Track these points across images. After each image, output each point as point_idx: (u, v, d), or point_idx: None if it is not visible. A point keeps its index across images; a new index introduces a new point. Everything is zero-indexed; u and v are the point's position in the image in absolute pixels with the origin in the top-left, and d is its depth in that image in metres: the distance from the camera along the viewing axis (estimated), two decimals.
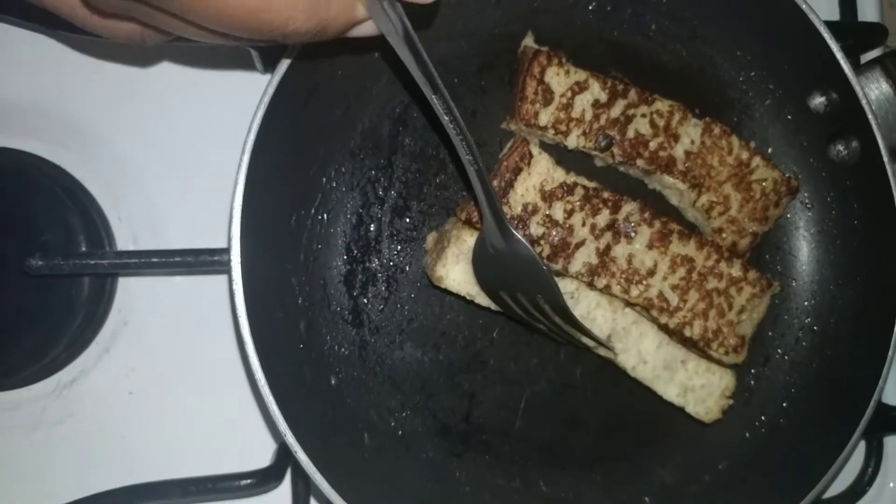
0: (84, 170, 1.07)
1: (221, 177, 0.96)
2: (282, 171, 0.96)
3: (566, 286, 0.97)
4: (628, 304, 1.00)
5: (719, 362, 1.02)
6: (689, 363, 1.01)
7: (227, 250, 0.88)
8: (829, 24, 1.05)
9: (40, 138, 1.07)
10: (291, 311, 0.99)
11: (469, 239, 0.95)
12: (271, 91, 0.88)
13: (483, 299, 0.97)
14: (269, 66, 1.05)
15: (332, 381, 1.01)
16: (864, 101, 1.00)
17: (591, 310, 0.98)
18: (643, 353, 1.00)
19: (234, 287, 0.86)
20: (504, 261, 0.92)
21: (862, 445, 1.17)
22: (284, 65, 0.90)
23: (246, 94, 0.95)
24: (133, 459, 1.05)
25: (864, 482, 1.17)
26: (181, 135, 1.08)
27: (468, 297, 0.97)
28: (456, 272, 0.96)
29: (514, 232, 0.90)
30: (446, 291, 0.99)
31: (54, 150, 1.07)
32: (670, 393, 1.02)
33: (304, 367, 0.99)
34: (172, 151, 1.08)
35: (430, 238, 1.04)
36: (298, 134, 0.97)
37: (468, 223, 0.97)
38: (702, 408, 1.02)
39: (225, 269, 0.88)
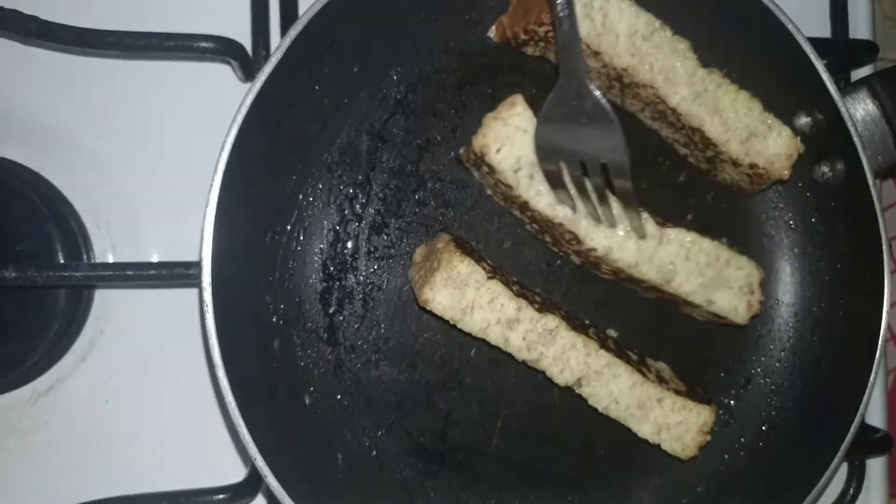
0: (62, 177, 1.06)
1: (202, 185, 0.94)
2: (257, 187, 0.95)
3: (547, 323, 0.96)
4: (602, 346, 0.99)
5: (698, 402, 1.02)
6: (666, 401, 1.00)
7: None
8: (820, 42, 1.04)
9: (18, 144, 1.06)
10: (265, 329, 0.98)
11: (460, 266, 0.94)
12: (244, 110, 0.88)
13: (466, 325, 0.96)
14: (248, 76, 1.04)
15: (306, 401, 1.00)
16: (849, 123, 0.99)
17: (566, 350, 0.97)
18: (615, 393, 0.99)
19: (206, 309, 0.86)
20: (575, 122, 0.89)
21: (844, 467, 1.17)
22: (260, 80, 0.89)
23: (227, 102, 0.94)
24: (108, 469, 1.05)
25: None
26: (162, 142, 1.07)
27: (452, 322, 0.96)
28: (443, 296, 0.94)
29: (592, 87, 0.86)
30: (426, 310, 0.98)
31: (33, 157, 1.06)
32: (645, 431, 1.01)
33: (278, 387, 0.98)
34: (152, 159, 1.07)
35: (419, 251, 1.03)
36: (275, 150, 0.96)
37: (461, 248, 0.96)
38: (678, 445, 1.01)
39: (199, 283, 0.87)
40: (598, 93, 0.86)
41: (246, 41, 1.04)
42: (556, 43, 0.85)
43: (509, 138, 0.95)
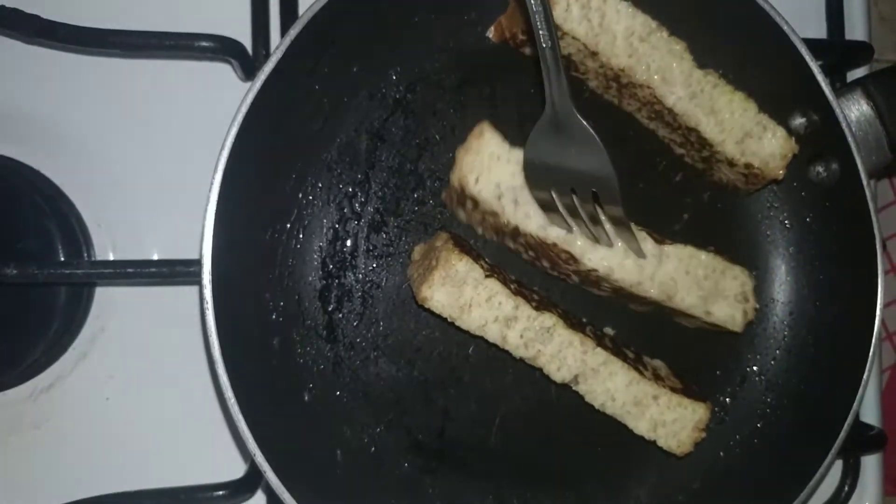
0: (63, 175, 1.06)
1: (203, 183, 0.95)
2: (257, 185, 0.95)
3: (544, 321, 0.97)
4: (599, 344, 1.00)
5: (693, 400, 1.03)
6: (661, 398, 1.01)
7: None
8: (816, 43, 1.04)
9: (19, 142, 1.06)
10: (265, 327, 0.98)
11: (458, 264, 0.95)
12: (244, 109, 0.88)
13: (464, 323, 0.97)
14: (249, 75, 1.05)
15: (306, 398, 1.01)
16: (844, 124, 1.00)
17: (563, 348, 0.98)
18: (612, 390, 1.00)
19: (206, 306, 0.86)
20: (563, 151, 0.90)
21: (839, 464, 1.18)
22: (260, 80, 0.90)
23: (228, 101, 0.94)
24: (108, 466, 1.05)
25: (840, 500, 1.17)
26: (163, 141, 1.08)
27: (450, 320, 0.97)
28: (441, 294, 0.95)
29: (579, 117, 0.87)
30: (425, 308, 0.99)
31: (34, 155, 1.06)
32: (641, 428, 1.02)
33: (277, 384, 0.98)
34: (154, 157, 1.07)
35: (418, 249, 1.03)
36: (274, 149, 0.97)
37: (459, 246, 0.97)
38: (674, 441, 1.02)
39: (199, 280, 0.88)
40: (583, 121, 0.87)
41: (246, 41, 1.04)
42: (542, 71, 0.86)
43: (484, 167, 0.96)
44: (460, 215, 1.04)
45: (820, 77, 1.00)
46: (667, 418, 1.01)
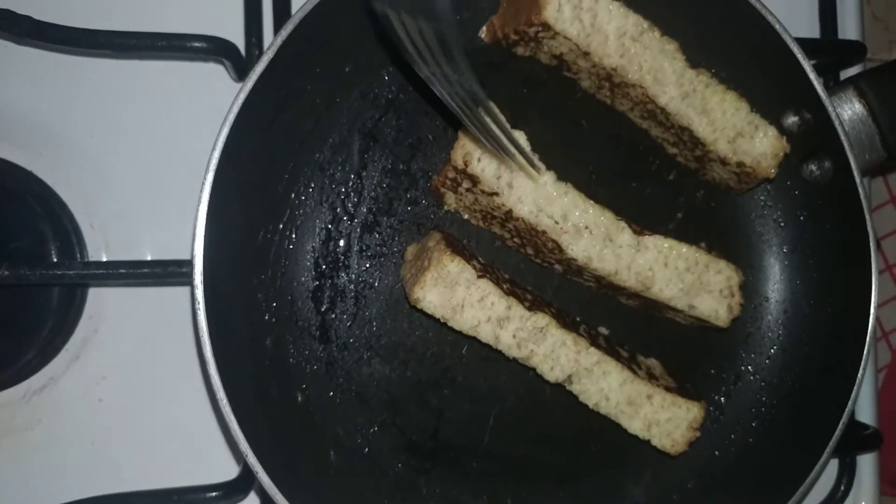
0: (56, 176, 1.06)
1: (195, 183, 0.95)
2: (249, 186, 0.95)
3: (537, 321, 0.97)
4: (592, 343, 1.00)
5: (688, 399, 1.02)
6: (655, 397, 1.01)
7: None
8: (809, 42, 1.04)
9: (11, 143, 1.06)
10: (258, 327, 0.98)
11: (450, 265, 0.94)
12: (236, 109, 0.88)
13: (456, 323, 0.96)
14: (242, 75, 1.05)
15: (299, 398, 1.01)
16: (836, 122, 1.00)
17: (556, 348, 0.98)
18: (606, 390, 1.00)
19: (197, 307, 0.86)
20: None
21: (834, 463, 1.18)
22: (251, 80, 0.89)
23: (220, 102, 0.94)
24: (101, 467, 1.05)
25: (835, 500, 1.17)
26: (155, 141, 1.07)
27: (443, 320, 0.97)
28: (433, 295, 0.95)
29: None
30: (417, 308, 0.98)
31: (26, 156, 1.06)
32: (635, 427, 1.02)
33: (270, 385, 0.98)
34: (146, 158, 1.07)
35: (411, 249, 1.03)
36: (267, 149, 0.97)
37: (452, 246, 0.97)
38: (668, 441, 1.02)
39: (191, 281, 0.88)
40: None
41: (239, 41, 1.04)
42: None
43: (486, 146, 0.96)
44: (449, 200, 1.04)
45: (812, 76, 1.00)
46: (661, 418, 1.01)
